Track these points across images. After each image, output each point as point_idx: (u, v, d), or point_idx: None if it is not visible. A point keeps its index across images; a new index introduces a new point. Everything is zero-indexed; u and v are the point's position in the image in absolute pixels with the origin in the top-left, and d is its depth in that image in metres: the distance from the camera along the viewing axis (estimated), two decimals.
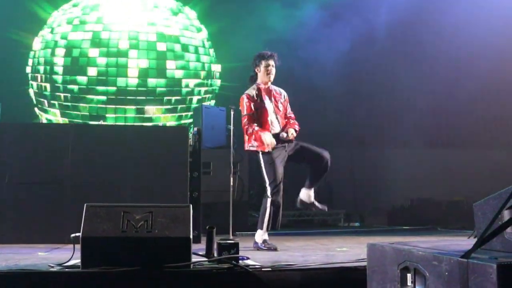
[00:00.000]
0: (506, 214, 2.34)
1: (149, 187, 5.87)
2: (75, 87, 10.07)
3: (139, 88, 10.20)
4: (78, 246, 3.42)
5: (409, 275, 2.48)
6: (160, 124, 10.05)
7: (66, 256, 3.74)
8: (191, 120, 9.95)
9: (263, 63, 5.44)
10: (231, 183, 6.85)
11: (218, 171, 7.74)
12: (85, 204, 3.55)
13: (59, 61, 10.15)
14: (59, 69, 10.14)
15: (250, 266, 3.54)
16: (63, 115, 10.08)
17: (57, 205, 5.77)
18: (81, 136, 6.09)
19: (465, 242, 3.08)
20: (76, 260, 3.49)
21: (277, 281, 3.35)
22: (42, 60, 10.28)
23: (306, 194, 5.54)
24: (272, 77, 5.46)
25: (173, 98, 10.43)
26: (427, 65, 11.32)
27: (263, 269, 3.46)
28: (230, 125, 6.95)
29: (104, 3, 10.41)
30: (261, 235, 5.20)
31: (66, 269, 3.43)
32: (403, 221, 9.42)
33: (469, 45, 10.39)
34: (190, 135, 6.27)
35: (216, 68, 10.98)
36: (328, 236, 7.32)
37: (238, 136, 7.24)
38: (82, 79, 10.08)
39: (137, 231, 3.44)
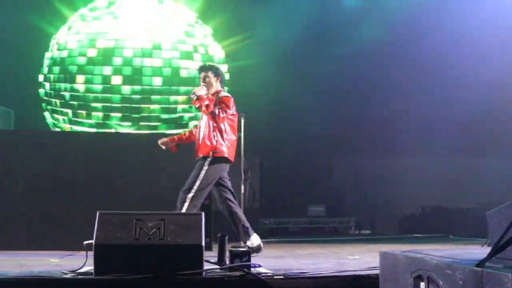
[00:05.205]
0: None
1: (160, 194, 5.89)
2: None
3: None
4: (90, 253, 3.45)
5: (422, 284, 2.48)
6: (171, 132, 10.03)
7: (78, 263, 3.76)
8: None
9: None
10: (242, 191, 6.86)
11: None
12: (97, 212, 3.57)
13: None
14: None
15: (262, 274, 3.53)
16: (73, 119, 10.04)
17: (68, 212, 5.81)
18: (92, 144, 6.16)
19: (478, 250, 3.06)
20: (89, 267, 3.51)
21: None
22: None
23: None
24: None
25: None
26: (436, 73, 11.29)
27: (275, 277, 3.45)
28: (240, 132, 6.96)
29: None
30: None
31: (80, 276, 3.45)
32: (414, 229, 9.37)
33: (475, 51, 10.36)
34: None
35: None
36: (338, 243, 7.30)
37: (249, 144, 7.25)
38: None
39: (149, 239, 3.46)
